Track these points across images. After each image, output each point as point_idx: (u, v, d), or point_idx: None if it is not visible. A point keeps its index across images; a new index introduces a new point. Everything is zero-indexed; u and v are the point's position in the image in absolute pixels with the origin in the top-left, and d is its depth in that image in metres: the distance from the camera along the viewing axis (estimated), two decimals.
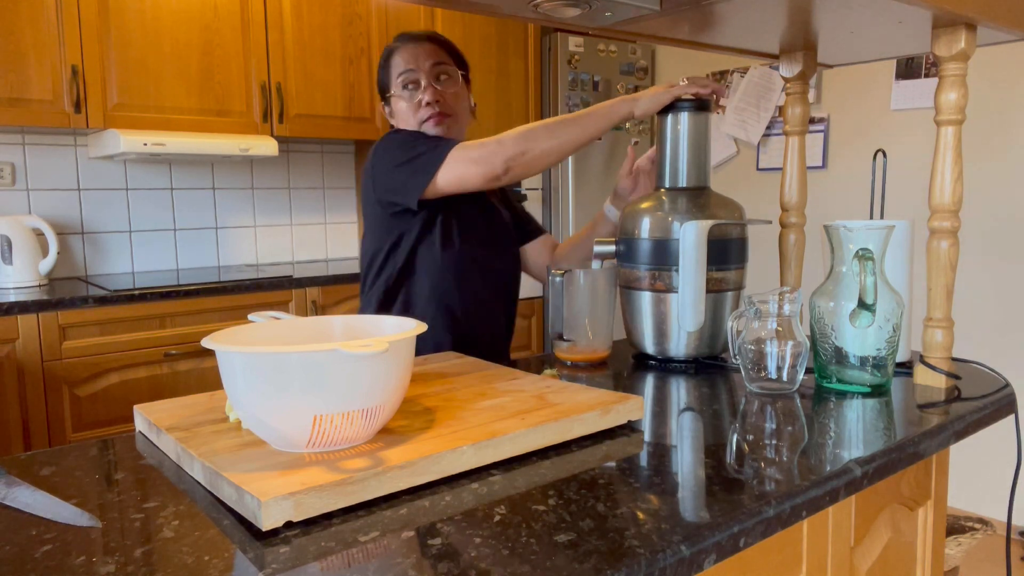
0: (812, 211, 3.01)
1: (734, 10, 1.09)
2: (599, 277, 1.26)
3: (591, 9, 1.06)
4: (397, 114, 1.48)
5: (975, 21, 1.06)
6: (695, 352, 1.26)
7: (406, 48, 1.45)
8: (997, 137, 2.71)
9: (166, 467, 0.82)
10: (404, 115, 1.46)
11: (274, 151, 2.77)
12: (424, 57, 1.43)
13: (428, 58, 1.43)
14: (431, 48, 1.45)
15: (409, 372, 0.81)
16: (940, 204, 1.11)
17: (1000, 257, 2.74)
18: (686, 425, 0.95)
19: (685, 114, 1.29)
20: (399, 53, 1.45)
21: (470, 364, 1.15)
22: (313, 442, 0.75)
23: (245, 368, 0.74)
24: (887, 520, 1.04)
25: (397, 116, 1.48)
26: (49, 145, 2.70)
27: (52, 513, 0.70)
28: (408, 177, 1.32)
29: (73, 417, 2.26)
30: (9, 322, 2.14)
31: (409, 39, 1.46)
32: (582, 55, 3.58)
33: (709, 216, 1.23)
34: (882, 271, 1.07)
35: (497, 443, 0.79)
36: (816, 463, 0.81)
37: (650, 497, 0.72)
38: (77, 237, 2.78)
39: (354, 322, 0.94)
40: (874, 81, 3.03)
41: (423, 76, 1.43)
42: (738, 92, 3.50)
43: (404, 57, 1.44)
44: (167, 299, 2.39)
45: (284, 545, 0.63)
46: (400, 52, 1.45)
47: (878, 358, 1.07)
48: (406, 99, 1.44)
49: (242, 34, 2.76)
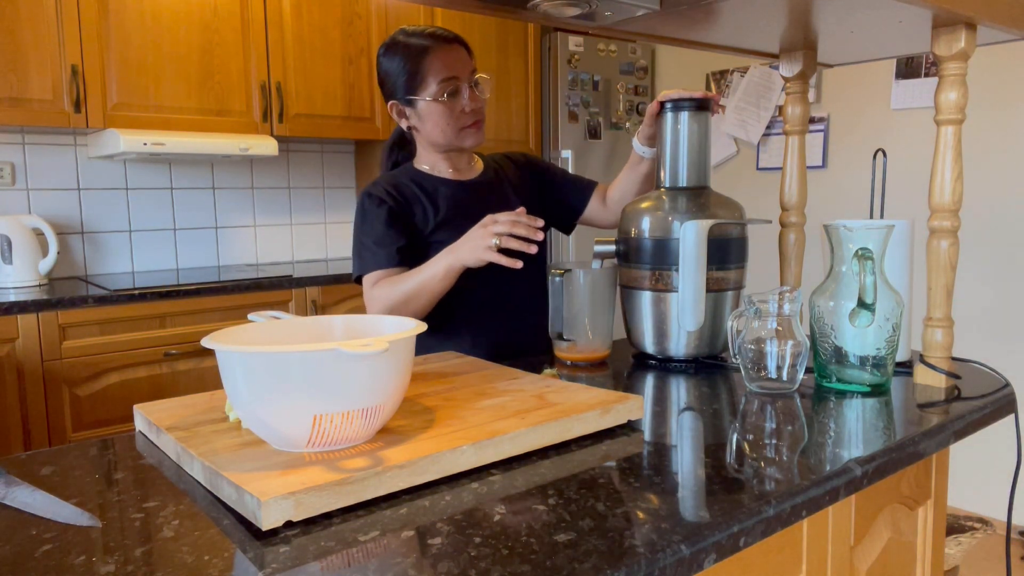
0: (812, 211, 3.00)
1: (734, 9, 1.09)
2: (599, 277, 1.26)
3: (591, 8, 1.06)
4: (428, 118, 1.42)
5: (975, 21, 1.05)
6: (695, 352, 1.26)
7: (444, 51, 1.39)
8: (997, 136, 2.71)
9: (166, 467, 0.82)
10: (439, 120, 1.41)
11: (274, 151, 2.77)
12: (462, 63, 1.40)
13: (466, 64, 1.41)
14: (464, 54, 1.42)
15: (409, 372, 0.81)
16: (940, 204, 1.11)
17: (1000, 257, 2.74)
18: (686, 425, 0.95)
19: (685, 114, 1.29)
20: (435, 56, 1.38)
21: (470, 364, 1.15)
22: (313, 442, 0.75)
23: (245, 368, 0.74)
24: (887, 520, 1.04)
25: (427, 120, 1.42)
26: (49, 145, 2.70)
27: (52, 513, 0.70)
28: (355, 255, 1.42)
29: (73, 417, 2.26)
30: (9, 322, 2.14)
31: (442, 40, 1.40)
32: (582, 55, 3.58)
33: (709, 216, 1.23)
34: (882, 271, 1.07)
35: (497, 443, 0.79)
36: (816, 463, 0.81)
37: (650, 497, 0.72)
38: (77, 237, 2.78)
39: (354, 322, 0.94)
40: (874, 81, 3.03)
41: (465, 82, 1.40)
42: (738, 92, 3.50)
43: (445, 62, 1.38)
44: (167, 299, 2.38)
45: (284, 545, 0.63)
46: (437, 55, 1.38)
47: (878, 358, 1.07)
48: (448, 105, 1.39)
49: (242, 34, 2.76)
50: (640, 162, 1.52)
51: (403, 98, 1.43)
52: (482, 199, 1.48)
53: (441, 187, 1.46)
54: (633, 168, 1.54)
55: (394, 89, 1.43)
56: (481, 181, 1.52)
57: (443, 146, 1.45)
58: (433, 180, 1.47)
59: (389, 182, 1.45)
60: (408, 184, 1.45)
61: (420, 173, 1.48)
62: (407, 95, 1.42)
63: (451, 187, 1.47)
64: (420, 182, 1.46)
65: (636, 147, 1.50)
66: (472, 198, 1.47)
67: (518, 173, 1.58)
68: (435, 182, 1.47)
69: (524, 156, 1.63)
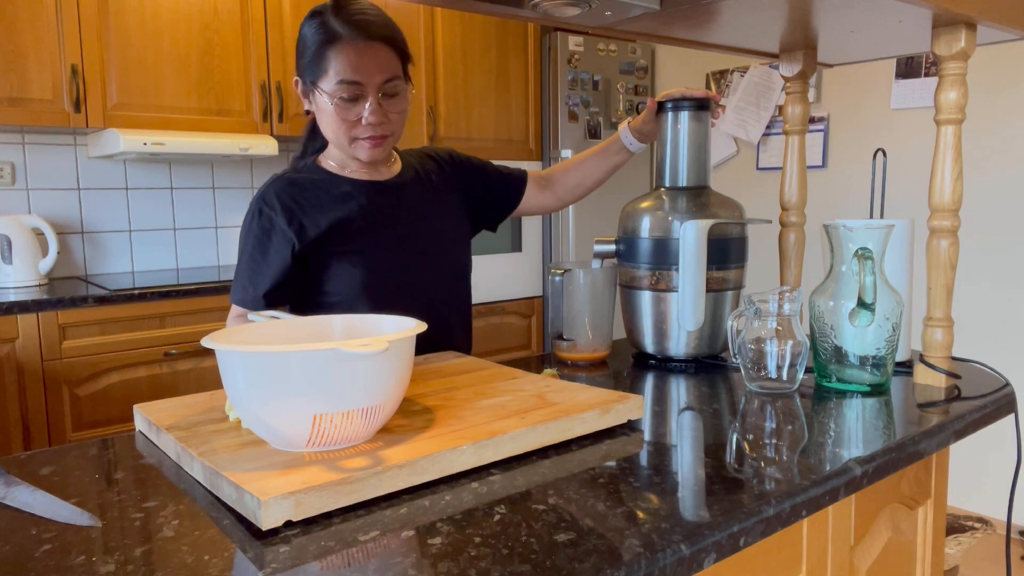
0: (812, 210, 3.00)
1: (734, 9, 1.09)
2: (599, 277, 1.26)
3: (591, 8, 1.06)
4: (321, 115, 1.24)
5: (975, 20, 1.05)
6: (695, 351, 1.26)
7: (356, 49, 1.17)
8: (997, 136, 2.71)
9: (166, 466, 0.82)
10: (331, 122, 1.22)
11: (274, 150, 2.77)
12: (375, 69, 1.19)
13: (380, 71, 1.19)
14: (385, 56, 1.20)
15: (409, 372, 0.81)
16: (940, 203, 1.11)
17: (1000, 256, 2.74)
18: (686, 424, 0.95)
19: (685, 114, 1.29)
20: (344, 51, 1.17)
21: (470, 363, 1.15)
22: (313, 441, 0.75)
23: (245, 368, 0.74)
24: (887, 519, 1.04)
25: (321, 116, 1.24)
26: (49, 144, 2.70)
27: (52, 513, 0.70)
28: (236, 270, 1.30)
29: (73, 417, 2.26)
30: (9, 322, 2.14)
31: (361, 35, 1.18)
32: (582, 54, 3.58)
33: (709, 215, 1.23)
34: (882, 270, 1.07)
35: (497, 442, 0.79)
36: (816, 462, 0.81)
37: (650, 496, 0.72)
38: (77, 237, 2.78)
39: (354, 322, 0.94)
40: (874, 80, 3.03)
41: (370, 92, 1.19)
42: (738, 92, 3.50)
43: (352, 61, 1.17)
44: (167, 299, 2.38)
45: (284, 544, 0.63)
46: (346, 51, 1.17)
47: (878, 357, 1.07)
48: (341, 109, 1.20)
49: (242, 34, 2.76)
50: (619, 152, 1.48)
51: (303, 79, 1.25)
52: (399, 203, 1.31)
53: (352, 190, 1.28)
54: (607, 157, 1.49)
55: (300, 65, 1.25)
56: (399, 182, 1.33)
57: (335, 146, 1.29)
58: (341, 181, 1.28)
59: (285, 187, 1.27)
60: (309, 188, 1.27)
61: (327, 173, 1.30)
62: (308, 78, 1.23)
63: (362, 190, 1.29)
64: (324, 184, 1.28)
65: (624, 138, 1.45)
66: (389, 202, 1.30)
67: (442, 172, 1.42)
68: (343, 184, 1.28)
69: (449, 153, 1.47)
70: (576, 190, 1.56)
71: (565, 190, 1.55)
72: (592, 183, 1.54)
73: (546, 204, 1.56)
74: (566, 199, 1.57)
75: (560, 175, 1.55)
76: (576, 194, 1.57)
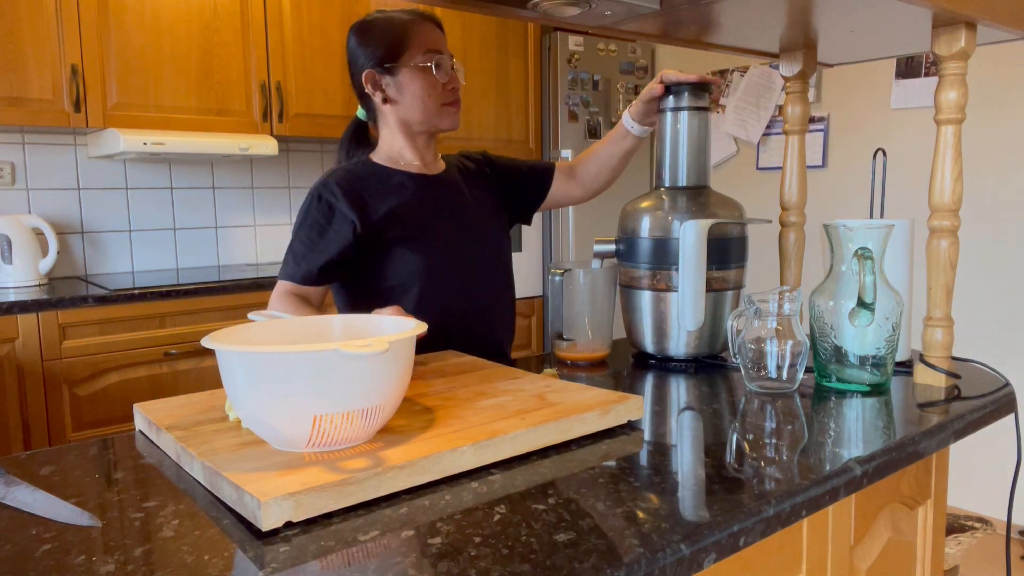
0: (812, 210, 3.00)
1: (733, 9, 1.09)
2: (599, 277, 1.26)
3: (591, 8, 1.06)
4: (408, 88, 1.35)
5: (975, 20, 1.05)
6: (695, 351, 1.26)
7: (428, 27, 1.37)
8: (997, 135, 2.71)
9: (166, 466, 0.82)
10: (420, 91, 1.35)
11: (274, 150, 2.77)
12: (444, 43, 1.39)
13: (446, 46, 1.39)
14: (444, 37, 1.40)
15: (409, 372, 0.81)
16: (940, 203, 1.11)
17: (1000, 256, 2.74)
18: (686, 424, 0.95)
19: (685, 113, 1.29)
20: (421, 28, 1.35)
21: (470, 363, 1.15)
22: (313, 442, 0.75)
23: (245, 368, 0.74)
24: (887, 519, 1.04)
25: (407, 91, 1.35)
26: (49, 144, 2.70)
27: (52, 512, 0.70)
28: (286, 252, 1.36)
29: (73, 416, 2.26)
30: (9, 321, 2.14)
31: (427, 17, 1.38)
32: (582, 54, 3.58)
33: (709, 215, 1.23)
34: (882, 270, 1.07)
35: (497, 443, 0.79)
36: (816, 462, 0.81)
37: (650, 496, 0.72)
38: (77, 236, 2.78)
39: (354, 322, 0.94)
40: (874, 80, 3.03)
41: (449, 60, 1.37)
42: (738, 91, 3.50)
43: (431, 36, 1.36)
44: (167, 299, 2.38)
45: (284, 544, 0.63)
46: (423, 27, 1.36)
47: (877, 357, 1.07)
48: (432, 75, 1.34)
49: (242, 34, 2.76)
50: (625, 137, 1.49)
51: (381, 67, 1.35)
52: (448, 195, 1.43)
53: (405, 181, 1.38)
54: (616, 143, 1.52)
55: (371, 58, 1.36)
56: (446, 177, 1.45)
57: (419, 123, 1.38)
58: (395, 174, 1.39)
59: (345, 176, 1.35)
60: (366, 178, 1.36)
61: (381, 167, 1.39)
62: (387, 63, 1.35)
63: (415, 181, 1.39)
64: (381, 176, 1.38)
65: (626, 122, 1.47)
66: (439, 193, 1.42)
67: (479, 170, 1.54)
68: (398, 176, 1.39)
69: (483, 153, 1.59)
70: (598, 179, 1.59)
71: (589, 179, 1.59)
72: (609, 170, 1.57)
73: (574, 194, 1.62)
74: (591, 188, 1.61)
75: (582, 164, 1.60)
76: (599, 183, 1.60)
